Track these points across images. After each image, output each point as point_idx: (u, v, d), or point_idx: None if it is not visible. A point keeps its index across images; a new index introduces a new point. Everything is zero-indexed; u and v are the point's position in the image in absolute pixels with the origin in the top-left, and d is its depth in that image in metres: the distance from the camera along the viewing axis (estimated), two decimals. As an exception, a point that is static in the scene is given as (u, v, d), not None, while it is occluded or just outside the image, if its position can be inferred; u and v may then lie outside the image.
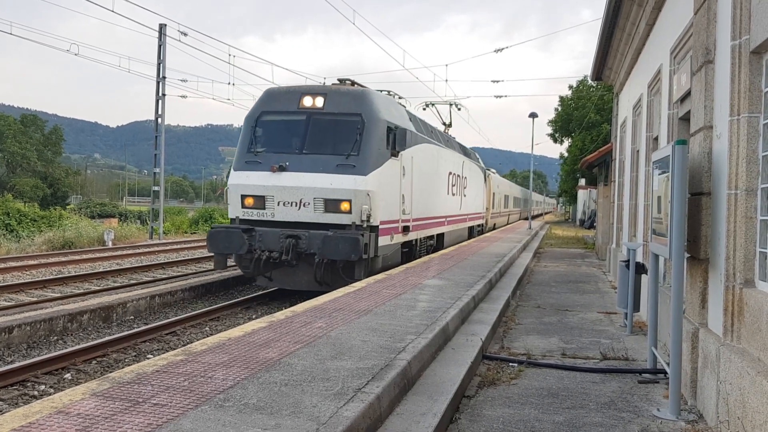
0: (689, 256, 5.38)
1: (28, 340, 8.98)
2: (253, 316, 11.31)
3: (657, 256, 6.17)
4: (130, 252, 21.54)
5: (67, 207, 49.83)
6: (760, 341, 3.96)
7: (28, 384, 7.26)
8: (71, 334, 9.62)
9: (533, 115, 34.99)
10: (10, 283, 13.78)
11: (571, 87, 46.72)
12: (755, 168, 4.29)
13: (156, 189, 29.77)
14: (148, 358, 7.99)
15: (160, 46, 28.15)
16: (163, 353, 7.95)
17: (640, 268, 8.10)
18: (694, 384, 5.23)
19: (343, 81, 13.66)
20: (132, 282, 14.79)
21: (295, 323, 6.60)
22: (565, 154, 50.85)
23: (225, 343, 5.62)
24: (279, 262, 11.52)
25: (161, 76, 28.21)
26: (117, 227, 30.58)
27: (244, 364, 4.91)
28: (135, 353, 8.78)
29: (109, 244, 25.04)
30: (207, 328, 10.44)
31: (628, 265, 8.10)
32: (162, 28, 28.15)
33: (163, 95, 28.51)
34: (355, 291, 9.04)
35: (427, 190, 16.12)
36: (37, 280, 14.24)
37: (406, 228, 13.92)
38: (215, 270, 13.82)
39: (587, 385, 5.93)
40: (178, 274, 16.51)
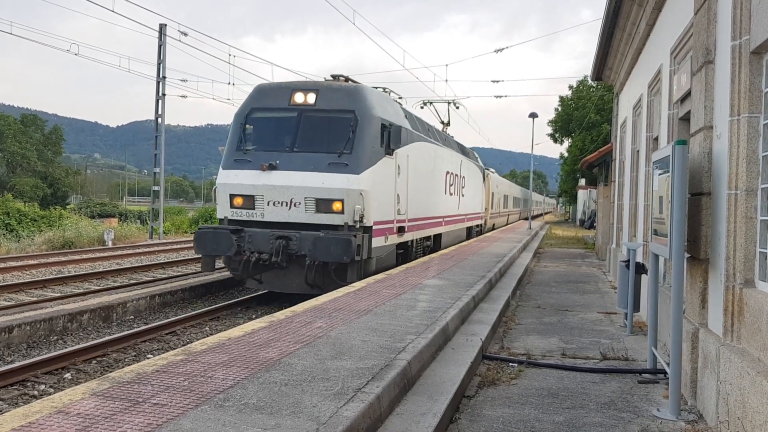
0: (689, 256, 5.38)
1: (28, 339, 8.99)
2: (253, 316, 11.30)
3: (657, 256, 6.17)
4: (130, 252, 21.53)
5: (67, 207, 49.82)
6: (760, 341, 3.96)
7: (28, 384, 7.27)
8: (71, 334, 9.62)
9: (533, 115, 34.98)
10: (10, 282, 13.76)
11: (571, 87, 46.80)
12: (755, 168, 4.29)
13: (156, 189, 29.77)
14: (148, 358, 7.98)
15: (160, 46, 28.16)
16: (163, 353, 7.92)
17: (640, 268, 8.10)
18: (694, 384, 5.23)
19: (336, 77, 13.29)
20: (132, 282, 14.78)
21: (295, 323, 6.61)
22: (565, 154, 50.85)
23: (225, 342, 5.63)
24: (269, 264, 11.10)
25: (161, 76, 28.21)
26: (117, 227, 30.58)
27: (244, 363, 4.91)
28: (135, 353, 8.79)
29: (109, 243, 25.03)
30: (207, 328, 10.44)
31: (628, 265, 8.10)
32: (162, 28, 28.16)
33: (163, 95, 28.51)
34: (355, 291, 9.04)
35: (424, 190, 15.70)
36: (37, 279, 14.22)
37: (401, 229, 13.53)
38: (203, 272, 13.49)
39: (587, 385, 5.93)
40: (178, 274, 16.50)
